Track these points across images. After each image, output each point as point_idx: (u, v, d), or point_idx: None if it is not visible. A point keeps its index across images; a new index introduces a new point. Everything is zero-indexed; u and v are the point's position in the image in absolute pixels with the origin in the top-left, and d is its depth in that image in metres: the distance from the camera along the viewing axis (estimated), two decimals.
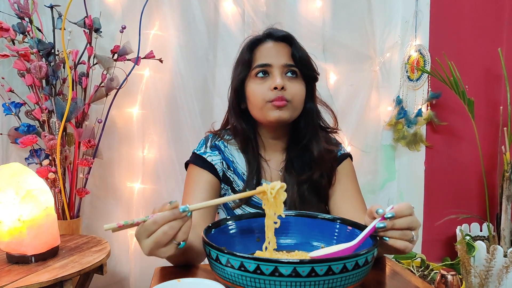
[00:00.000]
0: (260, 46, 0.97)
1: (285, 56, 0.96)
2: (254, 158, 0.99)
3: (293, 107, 0.95)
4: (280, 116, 0.93)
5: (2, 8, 1.47)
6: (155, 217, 0.62)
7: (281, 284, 0.51)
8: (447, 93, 1.70)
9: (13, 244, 1.07)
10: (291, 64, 0.95)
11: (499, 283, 1.43)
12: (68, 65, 1.42)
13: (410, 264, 1.65)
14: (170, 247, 0.63)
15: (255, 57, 0.96)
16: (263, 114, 0.94)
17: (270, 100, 0.92)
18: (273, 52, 0.95)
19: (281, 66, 0.94)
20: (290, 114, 0.94)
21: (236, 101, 1.00)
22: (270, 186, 0.70)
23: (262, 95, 0.93)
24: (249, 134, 1.00)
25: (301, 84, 0.97)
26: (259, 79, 0.95)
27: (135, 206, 1.68)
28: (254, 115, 0.98)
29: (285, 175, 0.99)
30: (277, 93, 0.91)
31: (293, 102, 0.94)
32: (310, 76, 1.00)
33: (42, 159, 1.43)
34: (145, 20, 1.60)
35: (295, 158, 1.00)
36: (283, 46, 0.97)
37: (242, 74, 0.97)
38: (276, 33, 0.97)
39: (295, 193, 0.97)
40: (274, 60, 0.94)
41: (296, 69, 0.96)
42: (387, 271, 0.75)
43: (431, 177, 1.83)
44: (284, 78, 0.94)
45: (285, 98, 0.92)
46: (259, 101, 0.94)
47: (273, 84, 0.92)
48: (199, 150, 1.01)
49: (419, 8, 1.80)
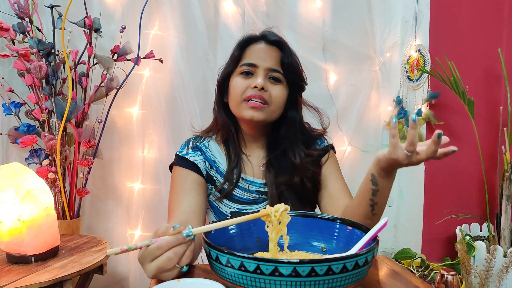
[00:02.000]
0: (252, 45, 0.99)
1: (273, 60, 0.97)
2: (235, 151, 1.01)
3: (271, 109, 0.96)
4: (253, 116, 0.94)
5: (2, 8, 1.47)
6: (159, 242, 0.62)
7: (281, 284, 0.51)
8: (447, 93, 1.70)
9: (13, 244, 1.07)
10: (276, 69, 0.97)
11: (499, 283, 1.42)
12: (68, 65, 1.42)
13: (410, 264, 1.65)
14: (174, 271, 0.64)
15: (244, 55, 0.99)
16: (238, 110, 0.96)
17: (247, 98, 0.94)
18: (262, 53, 0.97)
19: (265, 69, 0.96)
20: (265, 116, 0.95)
21: (220, 94, 1.03)
22: (274, 208, 0.68)
23: (241, 91, 0.95)
24: (230, 127, 1.02)
25: (283, 89, 0.98)
26: (243, 76, 0.97)
27: (135, 206, 1.68)
28: (232, 110, 1.00)
29: (266, 172, 1.01)
30: (256, 91, 0.93)
31: (271, 105, 0.96)
32: (296, 84, 1.01)
33: (42, 159, 1.43)
34: (145, 20, 1.60)
35: (274, 160, 1.02)
36: (274, 50, 0.99)
37: (228, 69, 1.00)
38: (270, 36, 0.99)
39: (274, 190, 0.99)
40: (260, 62, 0.96)
41: (281, 75, 0.97)
42: (387, 271, 0.75)
43: (431, 177, 1.82)
44: (267, 81, 0.96)
45: (263, 98, 0.94)
46: (237, 97, 0.96)
47: (254, 83, 0.93)
48: (181, 152, 1.03)
49: (419, 8, 1.80)
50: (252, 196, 1.01)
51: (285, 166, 1.01)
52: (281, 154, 1.02)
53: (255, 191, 1.01)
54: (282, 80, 0.98)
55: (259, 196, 1.01)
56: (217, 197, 1.00)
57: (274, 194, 0.98)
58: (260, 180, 1.02)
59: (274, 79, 0.97)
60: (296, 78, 1.00)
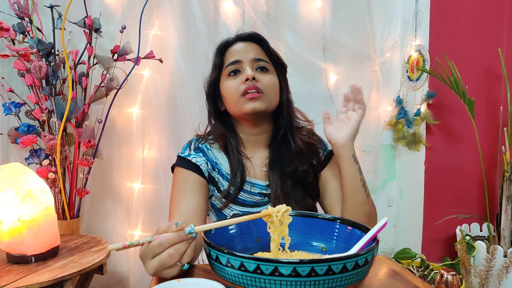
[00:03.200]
0: (230, 48, 1.02)
1: (254, 51, 0.99)
2: (235, 158, 1.01)
3: (268, 98, 0.97)
4: (255, 107, 0.94)
5: (2, 8, 1.47)
6: (161, 239, 0.62)
7: (281, 284, 0.51)
8: (447, 93, 1.70)
9: (13, 244, 1.07)
10: (260, 58, 0.99)
11: (499, 283, 1.43)
12: (68, 65, 1.42)
13: (410, 264, 1.65)
14: (175, 269, 0.64)
15: (225, 59, 1.01)
16: (238, 107, 0.96)
17: (243, 93, 0.94)
18: (242, 50, 0.99)
19: (250, 61, 0.98)
20: (265, 104, 0.96)
21: (213, 104, 1.05)
22: (276, 209, 0.68)
23: (235, 89, 0.96)
24: (228, 135, 1.02)
25: (273, 76, 1.00)
26: (231, 76, 0.98)
27: (135, 206, 1.68)
28: (231, 111, 1.00)
29: (269, 171, 1.01)
30: (249, 83, 0.94)
31: (266, 92, 0.96)
32: (282, 69, 1.04)
33: (42, 159, 1.43)
34: (145, 20, 1.60)
35: (278, 154, 1.02)
36: (251, 44, 1.01)
37: (214, 76, 1.02)
38: (243, 34, 1.03)
39: (279, 188, 0.99)
40: (243, 56, 0.98)
41: (266, 63, 0.99)
42: (387, 271, 0.75)
43: (431, 177, 1.83)
44: (256, 72, 0.97)
45: (257, 87, 0.94)
46: (233, 96, 0.96)
47: (244, 76, 0.94)
48: (183, 153, 1.03)
49: (419, 8, 1.80)
50: (255, 199, 1.00)
51: (288, 156, 1.01)
52: (283, 140, 1.02)
53: (257, 193, 1.01)
54: (269, 69, 1.00)
55: (262, 198, 1.01)
56: (223, 202, 1.00)
57: (277, 193, 0.98)
58: (262, 181, 1.02)
59: (261, 69, 0.99)
60: (280, 61, 1.04)
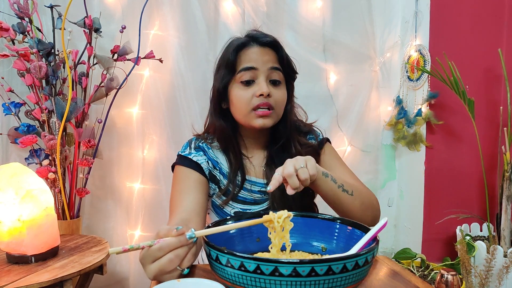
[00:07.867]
0: (246, 49, 0.98)
1: (271, 60, 0.97)
2: (236, 158, 1.01)
3: (276, 114, 0.97)
4: (264, 124, 0.95)
5: (2, 8, 1.47)
6: (161, 243, 0.61)
7: (281, 284, 0.51)
8: (447, 93, 1.70)
9: (13, 244, 1.07)
10: (276, 67, 0.97)
11: (499, 283, 1.42)
12: (68, 65, 1.42)
13: (410, 264, 1.65)
14: (174, 274, 0.64)
15: (240, 60, 0.97)
16: (247, 121, 0.97)
17: (255, 107, 0.94)
18: (259, 56, 0.96)
19: (266, 70, 0.96)
20: (274, 121, 0.97)
21: (218, 102, 1.03)
22: (277, 215, 0.68)
23: (247, 102, 0.95)
24: (230, 134, 1.02)
25: (284, 90, 0.99)
26: (244, 85, 0.96)
27: (135, 206, 1.68)
28: (238, 119, 1.00)
29: (267, 170, 1.02)
30: (262, 99, 0.93)
31: (276, 109, 0.97)
32: (292, 78, 1.03)
33: (42, 159, 1.43)
34: (145, 20, 1.60)
35: (275, 155, 1.03)
36: (269, 50, 0.98)
37: (226, 78, 0.98)
38: (262, 38, 0.98)
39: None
40: (260, 64, 0.95)
41: (281, 73, 0.98)
42: (387, 271, 0.75)
43: (431, 177, 1.82)
44: (269, 85, 0.96)
45: (270, 104, 0.94)
46: (243, 108, 0.95)
47: (259, 91, 0.93)
48: (183, 152, 1.03)
49: (419, 8, 1.80)
50: (255, 197, 1.01)
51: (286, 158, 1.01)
52: (281, 147, 1.02)
53: (257, 191, 1.02)
54: (281, 81, 0.99)
55: (262, 196, 1.02)
56: (223, 200, 1.00)
57: (274, 191, 0.98)
58: (262, 180, 1.03)
59: (274, 82, 0.97)
60: (292, 72, 1.03)
